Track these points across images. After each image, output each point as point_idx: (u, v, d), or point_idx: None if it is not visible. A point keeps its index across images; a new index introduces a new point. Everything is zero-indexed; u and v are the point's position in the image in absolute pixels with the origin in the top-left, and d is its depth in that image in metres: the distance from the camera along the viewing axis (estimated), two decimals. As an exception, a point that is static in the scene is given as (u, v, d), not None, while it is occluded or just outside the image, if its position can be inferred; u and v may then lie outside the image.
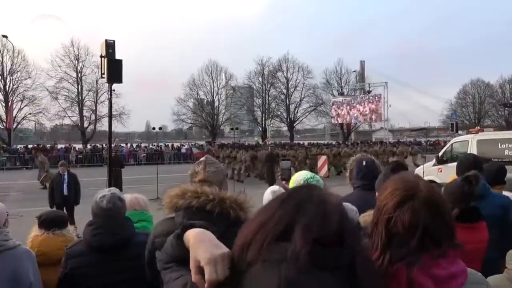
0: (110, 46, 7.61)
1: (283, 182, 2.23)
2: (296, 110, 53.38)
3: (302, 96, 52.78)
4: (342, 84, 53.05)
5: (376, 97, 43.23)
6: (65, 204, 8.70)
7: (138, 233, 2.47)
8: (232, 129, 35.28)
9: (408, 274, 1.12)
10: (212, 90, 51.62)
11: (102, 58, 7.71)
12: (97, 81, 41.90)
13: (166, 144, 39.96)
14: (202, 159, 2.05)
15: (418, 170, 12.33)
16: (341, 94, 50.93)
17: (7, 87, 39.04)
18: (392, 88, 47.13)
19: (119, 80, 7.58)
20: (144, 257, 2.28)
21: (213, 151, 20.33)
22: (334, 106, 46.18)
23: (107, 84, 7.91)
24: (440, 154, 13.35)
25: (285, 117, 53.33)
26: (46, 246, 2.66)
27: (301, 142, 36.05)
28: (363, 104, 43.97)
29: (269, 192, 2.76)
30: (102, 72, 7.71)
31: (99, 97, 42.78)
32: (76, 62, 42.18)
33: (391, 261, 1.16)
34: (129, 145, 40.11)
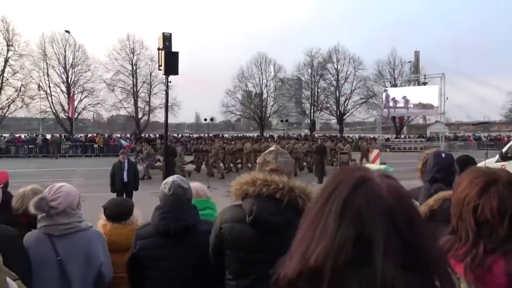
0: (167, 39, 7.81)
1: None
2: (346, 103, 52.29)
3: (353, 88, 51.58)
4: (396, 76, 51.10)
5: (432, 89, 41.20)
6: (125, 190, 9.14)
7: (202, 221, 2.52)
8: (282, 121, 35.09)
9: (508, 266, 1.06)
10: (261, 82, 51.81)
11: (159, 51, 7.94)
12: (150, 74, 43.64)
13: (216, 135, 40.69)
14: (272, 148, 2.06)
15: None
16: (394, 85, 49.09)
17: (69, 79, 41.59)
18: (449, 79, 44.82)
19: (175, 72, 7.77)
20: (206, 245, 2.35)
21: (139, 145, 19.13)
22: (386, 99, 44.62)
23: (161, 76, 8.14)
24: (504, 150, 12.60)
25: (335, 109, 52.36)
26: (116, 235, 2.79)
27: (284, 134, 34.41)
28: (417, 96, 42.09)
29: None
30: (159, 64, 7.94)
31: (153, 89, 44.51)
32: (132, 55, 44.07)
33: (485, 251, 1.10)
34: (179, 135, 41.28)
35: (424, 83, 43.23)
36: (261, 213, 1.88)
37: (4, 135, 31.57)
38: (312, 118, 52.17)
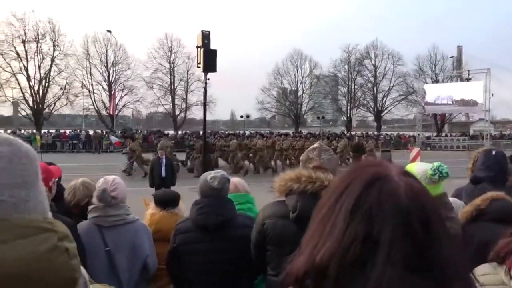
0: (205, 37, 7.92)
1: None
2: (384, 99, 51.00)
3: (391, 85, 50.21)
4: (437, 71, 49.31)
5: (476, 85, 39.37)
6: (163, 185, 9.37)
7: (240, 215, 2.54)
8: (318, 118, 34.70)
9: None
10: (296, 79, 51.52)
11: (198, 49, 8.07)
12: (187, 71, 44.53)
13: (251, 132, 40.94)
14: (315, 145, 2.05)
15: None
16: (436, 82, 47.34)
17: (110, 77, 43.15)
18: (495, 75, 42.67)
19: (214, 69, 7.86)
20: (245, 239, 2.37)
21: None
22: (426, 95, 43.11)
23: (198, 73, 8.25)
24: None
25: (372, 106, 51.22)
26: (163, 223, 2.87)
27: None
28: (460, 92, 40.38)
29: None
30: (198, 62, 8.06)
31: (189, 86, 45.35)
32: (169, 53, 45.11)
33: None
34: (213, 132, 41.84)
35: (468, 79, 41.39)
36: (305, 210, 1.88)
37: (50, 131, 33.21)
38: (348, 115, 51.33)
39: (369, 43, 50.80)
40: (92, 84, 42.42)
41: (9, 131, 24.92)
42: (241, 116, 22.88)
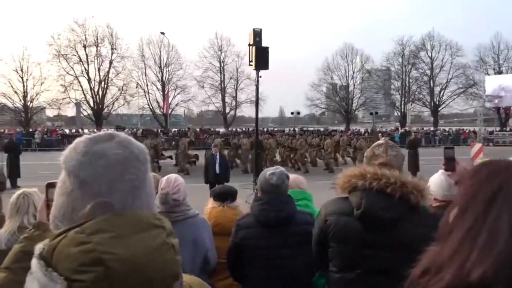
0: (257, 34, 7.97)
1: (447, 173, 2.03)
2: (441, 93, 48.50)
3: (450, 77, 47.62)
4: (500, 62, 46.07)
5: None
6: (217, 181, 9.59)
7: (300, 211, 2.56)
8: (371, 113, 33.66)
9: None
10: (347, 74, 50.37)
11: (250, 47, 8.14)
12: (237, 69, 45.13)
13: (301, 129, 40.68)
14: (381, 141, 2.00)
15: None
16: (499, 73, 44.26)
17: (164, 78, 44.77)
18: None
19: (266, 67, 7.90)
20: (305, 235, 2.36)
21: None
22: (489, 87, 40.40)
23: (247, 71, 8.32)
24: None
25: (428, 100, 48.91)
26: (221, 217, 2.94)
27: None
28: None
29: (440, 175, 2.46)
30: (250, 59, 8.13)
31: (239, 84, 45.97)
32: (219, 52, 45.96)
33: None
34: (265, 129, 42.02)
35: (536, 69, 38.23)
36: (370, 208, 1.83)
37: (110, 130, 35.01)
38: (402, 110, 49.38)
39: (424, 34, 48.56)
40: (147, 85, 44.33)
41: (73, 130, 26.65)
42: (292, 113, 22.75)
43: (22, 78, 40.48)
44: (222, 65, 46.07)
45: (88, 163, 0.78)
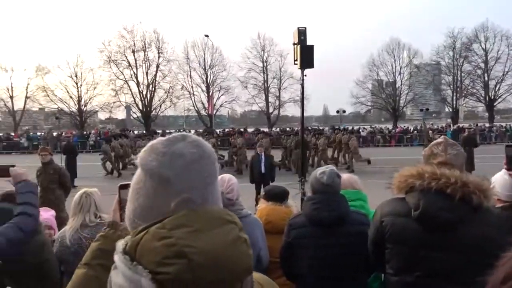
0: (302, 33, 7.93)
1: (510, 172, 1.90)
2: (497, 87, 45.60)
3: (506, 70, 44.50)
4: None
5: None
6: (263, 181, 9.64)
7: (353, 211, 2.53)
8: (421, 110, 32.19)
9: None
10: (394, 70, 48.62)
11: (295, 46, 8.11)
12: (280, 69, 45.10)
13: (346, 127, 39.92)
14: (440, 140, 1.92)
15: None
16: None
17: (208, 79, 45.59)
18: None
19: (311, 65, 7.84)
20: (359, 235, 2.32)
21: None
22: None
23: (290, 71, 8.27)
24: None
25: (482, 95, 46.21)
26: (273, 215, 2.96)
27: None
28: None
29: (504, 174, 2.34)
30: (295, 58, 8.10)
31: (282, 84, 45.90)
32: (262, 52, 46.02)
33: None
34: (309, 128, 41.63)
35: None
36: (429, 208, 1.78)
37: (158, 131, 36.35)
38: (454, 106, 47.03)
39: (478, 25, 45.83)
40: (192, 87, 45.34)
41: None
42: (337, 111, 22.33)
43: (76, 84, 43.04)
44: (265, 65, 46.16)
45: (168, 163, 0.82)
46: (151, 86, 44.06)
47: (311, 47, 7.82)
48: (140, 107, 44.01)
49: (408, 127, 40.12)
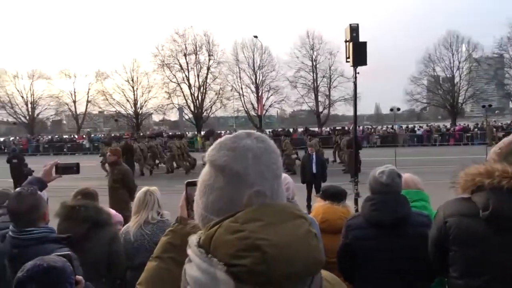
0: (354, 30, 7.74)
1: None
2: None
3: None
4: None
5: None
6: (314, 181, 9.55)
7: (415, 213, 2.44)
8: (483, 106, 30.20)
9: None
10: (452, 65, 46.07)
11: (346, 43, 7.94)
12: (330, 67, 44.40)
13: (401, 126, 38.51)
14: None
15: None
16: None
17: (257, 80, 45.91)
18: None
19: (364, 63, 7.64)
20: (422, 237, 2.22)
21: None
22: None
23: (340, 69, 8.09)
24: None
25: (554, 89, 42.56)
26: (329, 214, 2.93)
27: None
28: None
29: None
30: (347, 56, 7.94)
31: (332, 83, 45.14)
32: (311, 51, 45.57)
33: None
34: (361, 127, 40.65)
35: None
36: (500, 208, 1.68)
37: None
38: (520, 101, 43.70)
39: (545, 13, 42.26)
40: (241, 88, 45.92)
41: (178, 132, 28.72)
42: (391, 109, 21.46)
43: (133, 87, 45.35)
44: (314, 63, 45.65)
45: (239, 157, 0.85)
46: (202, 88, 45.27)
47: (364, 43, 7.62)
48: (192, 108, 45.36)
49: (468, 124, 37.86)
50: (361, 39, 7.69)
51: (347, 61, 7.88)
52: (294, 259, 0.75)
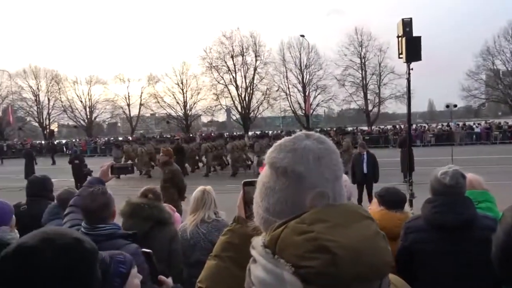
0: (407, 24, 7.51)
1: None
2: None
3: None
4: None
5: None
6: (365, 181, 9.32)
7: (481, 215, 2.31)
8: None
9: None
10: (513, 57, 43.04)
11: (399, 38, 7.70)
12: (379, 64, 43.16)
13: (457, 123, 36.58)
14: None
15: None
16: None
17: (304, 79, 45.57)
18: None
19: (418, 58, 7.37)
20: (488, 242, 2.10)
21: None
22: None
23: (390, 65, 7.81)
24: None
25: None
26: (386, 221, 2.82)
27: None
28: None
29: None
30: (400, 52, 7.70)
31: (382, 80, 43.81)
32: (360, 48, 44.53)
33: None
34: (413, 125, 39.09)
35: None
36: None
37: (256, 132, 37.55)
38: None
39: None
40: (288, 87, 45.79)
41: (226, 134, 29.34)
42: (447, 106, 20.34)
43: (182, 90, 46.75)
44: (363, 61, 44.58)
45: (300, 158, 0.85)
46: (249, 89, 45.68)
47: (418, 38, 7.35)
48: (239, 109, 45.91)
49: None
50: (418, 33, 7.43)
51: (399, 57, 7.64)
52: (364, 261, 0.74)
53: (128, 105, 51.26)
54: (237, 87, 45.68)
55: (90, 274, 1.02)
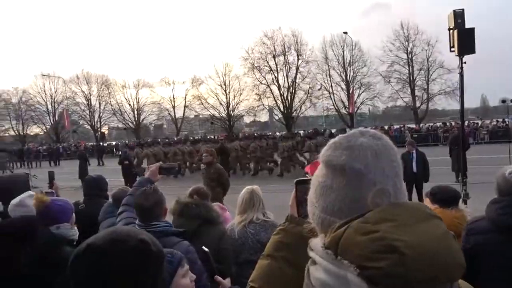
0: (458, 16, 7.15)
1: None
2: None
3: None
4: None
5: None
6: (415, 181, 8.98)
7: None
8: None
9: None
10: None
11: (450, 31, 7.36)
12: (427, 59, 41.40)
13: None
14: None
15: None
16: None
17: (347, 77, 44.69)
18: None
19: (472, 51, 6.99)
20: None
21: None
22: None
23: (440, 60, 7.44)
24: None
25: None
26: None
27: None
28: None
29: None
30: (451, 45, 7.34)
31: (431, 75, 41.98)
32: (406, 43, 42.93)
33: None
34: (466, 122, 37.16)
35: None
36: None
37: (299, 132, 37.36)
38: None
39: None
40: (331, 86, 45.08)
41: (269, 133, 29.41)
42: (503, 101, 19.17)
43: (225, 91, 47.44)
44: (410, 56, 42.91)
45: (358, 155, 0.82)
46: (291, 88, 45.46)
47: (472, 30, 6.96)
48: (282, 109, 45.85)
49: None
50: (471, 25, 7.07)
51: (451, 51, 7.28)
52: (435, 262, 0.70)
53: (173, 107, 52.85)
54: (279, 87, 45.65)
55: (156, 276, 1.04)
